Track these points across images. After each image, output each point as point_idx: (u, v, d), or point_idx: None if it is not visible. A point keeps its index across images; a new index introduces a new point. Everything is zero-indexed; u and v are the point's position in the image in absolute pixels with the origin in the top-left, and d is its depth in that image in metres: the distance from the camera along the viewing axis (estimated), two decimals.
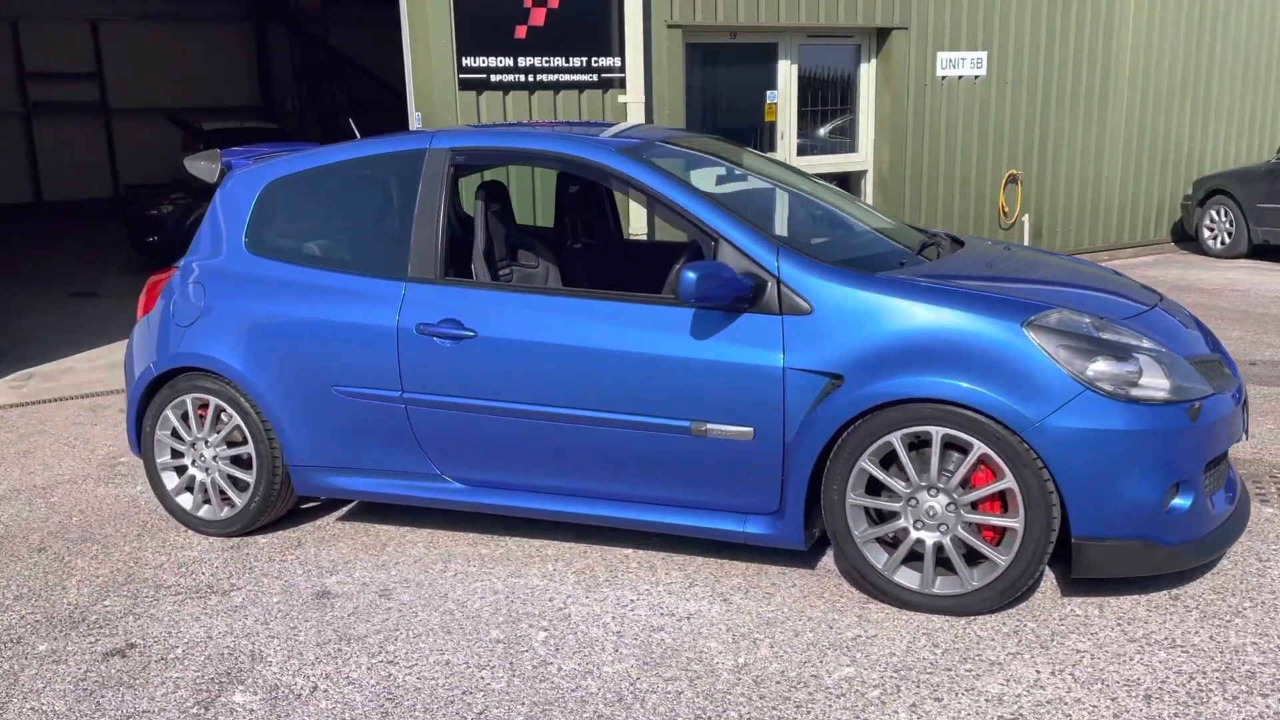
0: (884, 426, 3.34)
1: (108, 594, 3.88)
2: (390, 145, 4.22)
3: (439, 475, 4.08)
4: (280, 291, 4.20)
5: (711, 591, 3.66)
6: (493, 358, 3.82)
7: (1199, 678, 2.95)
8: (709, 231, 3.61)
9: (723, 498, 3.66)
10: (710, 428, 3.56)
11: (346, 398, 4.07)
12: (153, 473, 4.47)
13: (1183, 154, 11.70)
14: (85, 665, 3.36)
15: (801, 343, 3.44)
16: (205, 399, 4.31)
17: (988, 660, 3.10)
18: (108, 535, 4.46)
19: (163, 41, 19.20)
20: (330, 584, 3.88)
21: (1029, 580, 3.27)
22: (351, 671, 3.24)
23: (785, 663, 3.15)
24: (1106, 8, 10.75)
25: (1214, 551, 3.38)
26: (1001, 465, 3.23)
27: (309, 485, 4.26)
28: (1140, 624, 3.27)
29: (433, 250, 3.99)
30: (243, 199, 4.42)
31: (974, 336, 3.27)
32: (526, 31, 8.19)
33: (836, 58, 9.89)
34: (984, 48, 10.22)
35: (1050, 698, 2.89)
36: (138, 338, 4.58)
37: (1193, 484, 3.28)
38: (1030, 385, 3.20)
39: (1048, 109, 10.69)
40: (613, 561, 3.95)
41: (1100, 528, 3.21)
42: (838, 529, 3.47)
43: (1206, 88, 11.62)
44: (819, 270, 3.50)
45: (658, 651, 3.26)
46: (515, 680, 3.13)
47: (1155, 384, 3.25)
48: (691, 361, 3.55)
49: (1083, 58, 10.75)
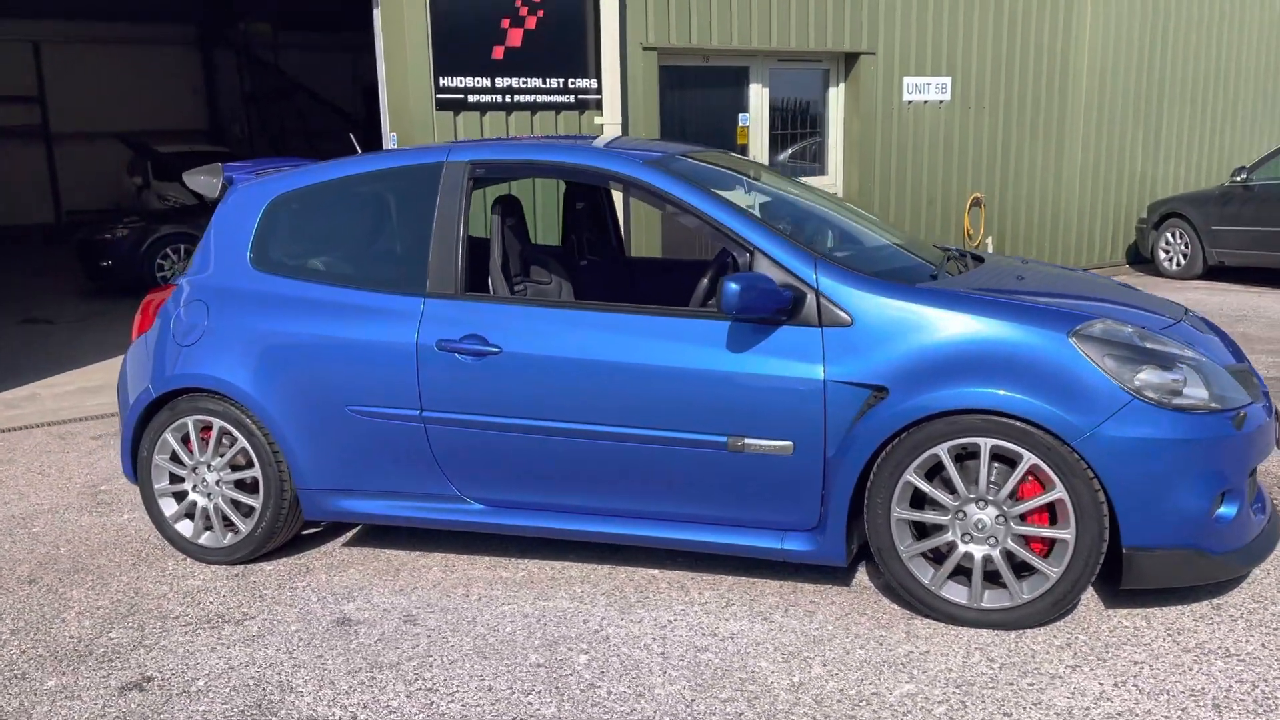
0: (930, 439, 3.30)
1: (112, 626, 3.69)
2: (404, 159, 4.12)
3: (458, 496, 3.95)
4: (289, 308, 4.06)
5: (750, 610, 3.58)
6: (519, 374, 3.72)
7: (1262, 685, 2.94)
8: (744, 244, 3.56)
9: (760, 514, 3.59)
10: (748, 442, 3.50)
11: (361, 418, 3.93)
12: (149, 499, 4.28)
13: (1136, 179, 11.98)
14: (102, 700, 3.18)
15: (843, 355, 3.40)
16: (208, 421, 4.14)
17: (1047, 674, 3.06)
18: (101, 565, 4.25)
19: (108, 65, 18.78)
20: (349, 610, 3.73)
21: (1080, 592, 3.25)
22: (390, 700, 3.10)
23: (842, 681, 3.08)
24: (1063, 37, 10.99)
25: (1256, 561, 3.39)
26: (1052, 476, 3.20)
27: (319, 509, 4.11)
28: (1190, 634, 3.26)
29: (453, 265, 3.88)
30: (247, 214, 4.27)
31: (1020, 347, 3.25)
32: (504, 52, 8.13)
33: (806, 82, 9.98)
34: (948, 73, 10.38)
35: (1119, 710, 2.85)
36: (133, 359, 4.39)
37: (1238, 492, 3.29)
38: (1079, 395, 3.19)
39: (1009, 133, 10.89)
40: (641, 582, 3.86)
41: (1150, 538, 3.20)
42: (882, 544, 3.42)
43: (1157, 116, 11.92)
44: (858, 281, 3.46)
45: (708, 673, 3.17)
46: (566, 704, 3.02)
47: (1197, 394, 3.26)
48: (728, 375, 3.49)
49: (1041, 84, 10.97)
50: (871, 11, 9.78)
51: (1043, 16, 10.81)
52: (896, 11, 9.92)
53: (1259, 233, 10.24)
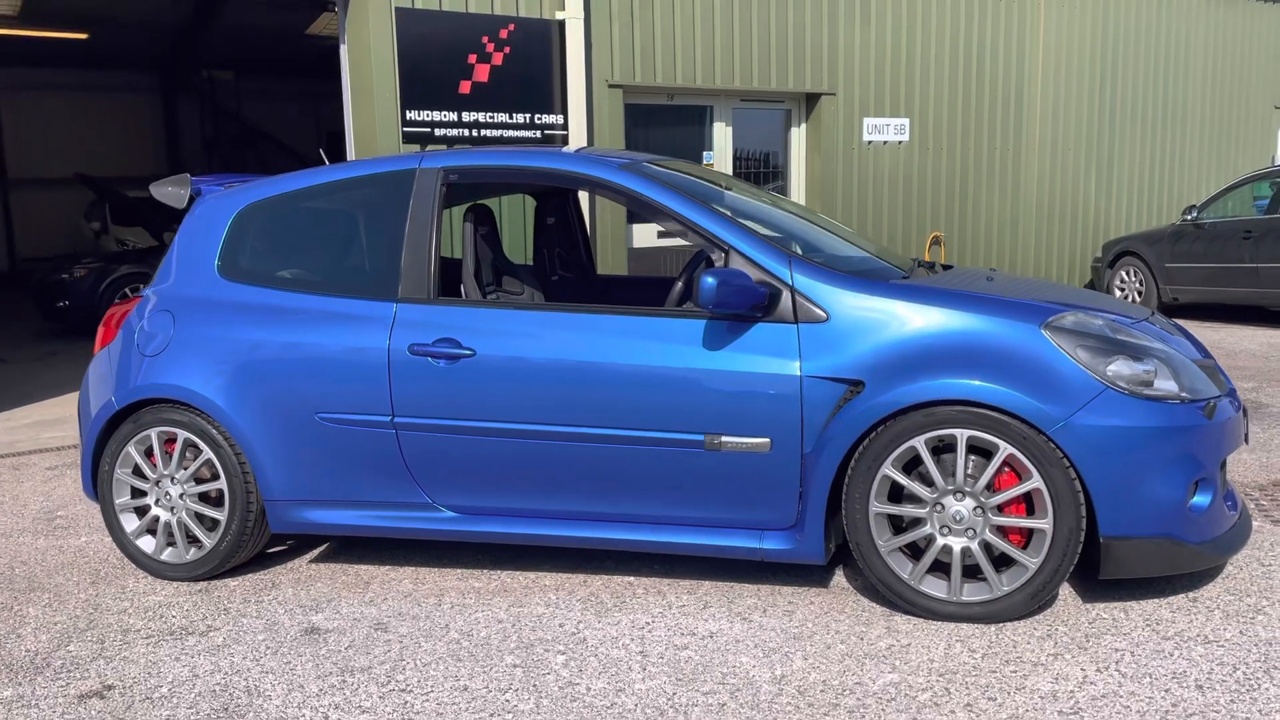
0: (907, 431, 3.30)
1: (70, 640, 3.57)
2: (375, 167, 4.10)
3: (430, 504, 3.88)
4: (258, 316, 4.01)
5: (729, 611, 3.53)
6: (493, 377, 3.68)
7: (1243, 668, 2.94)
8: (719, 243, 3.57)
9: (738, 514, 3.56)
10: (725, 440, 3.48)
11: (331, 425, 3.87)
12: (110, 515, 4.17)
13: (1090, 217, 12.23)
14: (61, 708, 3.06)
15: (819, 350, 3.40)
16: (172, 433, 4.06)
17: (1030, 661, 3.04)
18: (58, 584, 4.12)
19: (68, 112, 18.69)
20: (318, 620, 3.64)
21: (1059, 583, 3.24)
22: (363, 701, 3.01)
23: (824, 673, 3.04)
24: (1017, 80, 11.26)
25: (1231, 551, 3.40)
26: (1028, 465, 3.21)
27: (285, 522, 4.02)
28: (1168, 624, 3.26)
29: (425, 270, 3.85)
30: (215, 224, 4.23)
31: (994, 338, 3.28)
32: (471, 87, 8.19)
33: (768, 121, 10.13)
34: (906, 114, 10.59)
35: (1104, 692, 2.83)
36: (95, 372, 4.30)
37: (1211, 482, 3.32)
38: (1053, 385, 3.21)
39: (966, 173, 11.09)
40: (616, 589, 3.80)
41: (1127, 526, 3.21)
42: (861, 540, 3.40)
43: (1110, 157, 12.21)
44: (833, 279, 3.48)
45: (688, 668, 3.12)
46: (544, 701, 2.95)
47: (1168, 386, 3.30)
48: (704, 373, 3.48)
49: (996, 126, 11.21)
50: (831, 53, 9.98)
51: (996, 59, 11.08)
52: (855, 54, 10.13)
53: (1211, 269, 10.46)
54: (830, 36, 9.96)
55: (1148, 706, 2.75)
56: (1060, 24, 11.50)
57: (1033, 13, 11.28)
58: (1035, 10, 11.29)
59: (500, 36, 8.24)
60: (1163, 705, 2.75)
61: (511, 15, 8.28)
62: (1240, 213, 10.65)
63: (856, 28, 10.10)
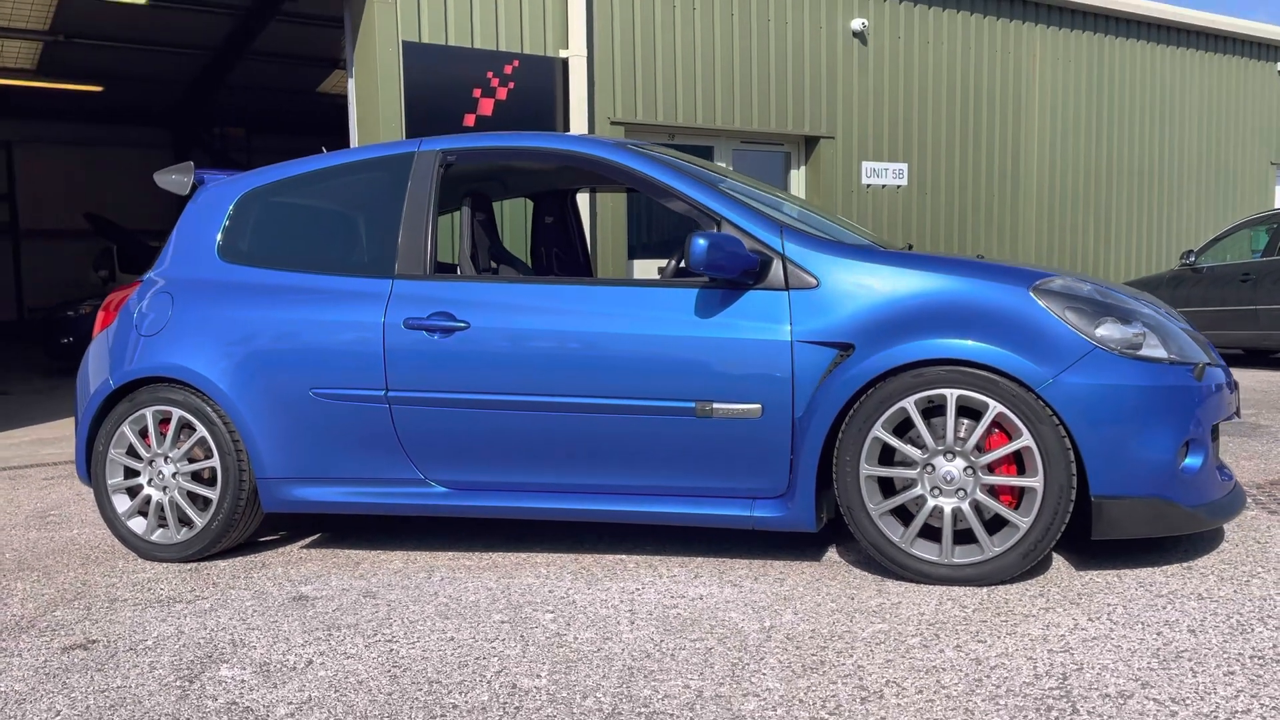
0: (897, 392, 3.31)
1: (57, 607, 3.55)
2: (374, 152, 4.18)
3: (422, 480, 3.88)
4: (256, 295, 4.05)
5: (720, 579, 3.51)
6: (487, 349, 3.70)
7: (1236, 617, 2.91)
8: (712, 215, 3.62)
9: (729, 482, 3.55)
10: (716, 407, 3.49)
11: (325, 400, 3.89)
12: (102, 496, 4.17)
13: (1088, 266, 12.32)
14: (44, 657, 3.04)
15: (809, 315, 3.43)
16: (168, 411, 4.07)
17: (1020, 614, 3.01)
18: (48, 566, 4.11)
19: (79, 165, 19.01)
20: (306, 590, 3.62)
21: (1050, 543, 3.22)
22: (349, 649, 2.99)
23: (814, 624, 3.01)
24: (1014, 126, 11.45)
25: (1224, 516, 3.38)
26: (1018, 424, 3.21)
27: (277, 499, 4.01)
28: (1161, 585, 3.23)
29: (422, 246, 3.91)
30: (216, 209, 4.30)
31: (983, 300, 3.30)
32: (475, 120, 8.34)
33: (769, 163, 10.27)
34: (904, 159, 10.74)
35: (1095, 635, 2.80)
36: (93, 354, 4.34)
37: (1203, 444, 3.31)
38: (1042, 345, 3.23)
39: (964, 219, 11.21)
40: (608, 563, 3.78)
41: (1118, 485, 3.20)
42: (852, 503, 3.38)
43: (1106, 203, 12.34)
44: (824, 246, 3.52)
45: (676, 622, 3.09)
46: (530, 648, 2.92)
47: (1156, 352, 3.31)
48: (696, 340, 3.50)
49: (994, 173, 11.37)
50: (831, 98, 10.17)
51: (994, 105, 11.27)
52: (854, 99, 10.32)
53: (1210, 313, 10.49)
54: (829, 81, 10.15)
55: (1139, 646, 2.71)
56: (1055, 74, 11.72)
57: (1028, 63, 11.50)
58: (1031, 61, 11.52)
59: (505, 72, 8.42)
60: (1154, 645, 2.72)
61: (516, 52, 8.47)
62: (1237, 257, 10.73)
63: (855, 74, 10.30)
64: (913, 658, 2.72)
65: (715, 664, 2.73)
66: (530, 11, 8.52)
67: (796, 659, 2.75)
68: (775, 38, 9.81)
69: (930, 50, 10.79)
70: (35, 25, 13.03)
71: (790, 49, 9.88)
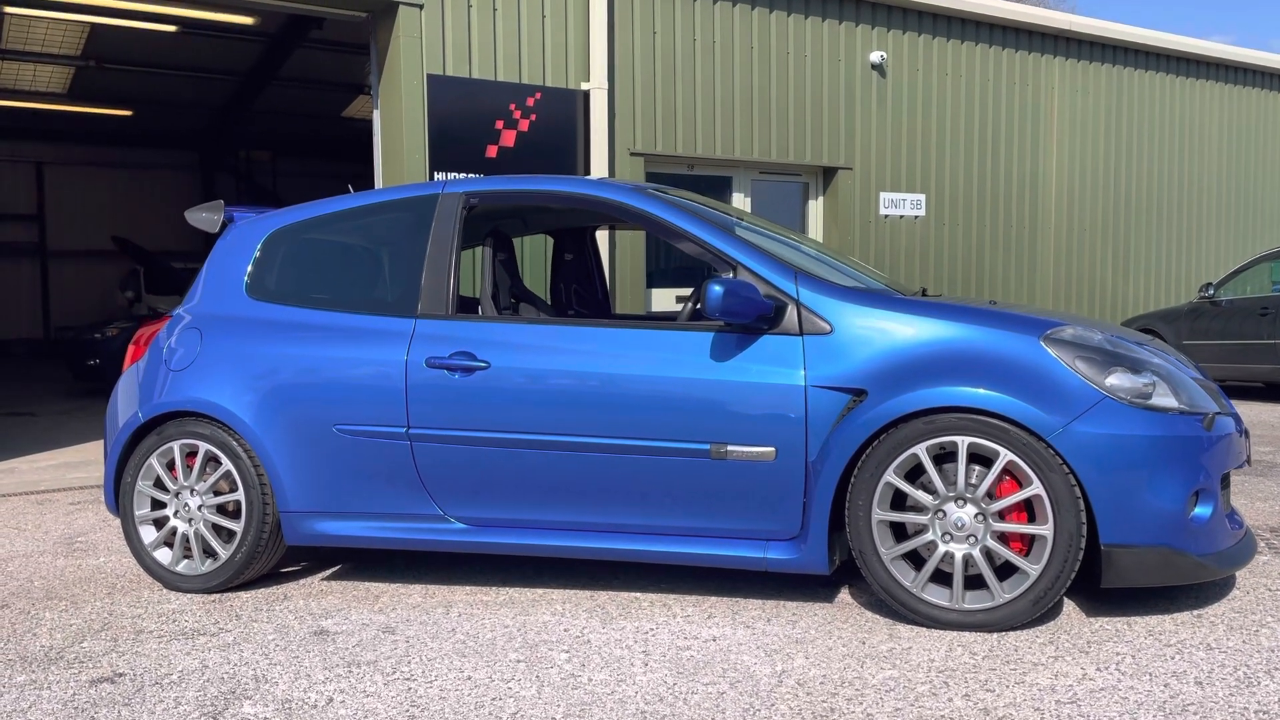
0: (909, 439, 3.37)
1: (84, 638, 3.63)
2: (399, 193, 4.28)
3: (441, 516, 3.95)
4: (282, 332, 4.15)
5: (733, 620, 3.56)
6: (506, 388, 3.78)
7: (1243, 669, 2.94)
8: (728, 260, 3.69)
9: (743, 523, 3.61)
10: (731, 449, 3.55)
11: (348, 436, 3.97)
12: (129, 526, 4.26)
13: (1107, 298, 12.32)
14: (72, 690, 3.12)
15: (823, 360, 3.49)
16: (194, 445, 4.16)
17: (1029, 662, 3.05)
18: (75, 595, 4.20)
19: (107, 186, 19.29)
20: (327, 625, 3.69)
21: (1060, 590, 3.26)
22: (368, 686, 3.05)
23: (825, 669, 3.06)
24: (1033, 158, 11.49)
25: (1234, 565, 3.42)
26: (1029, 472, 3.26)
27: (299, 533, 4.09)
28: (1171, 634, 3.26)
29: (444, 286, 3.99)
30: (245, 247, 4.41)
31: (994, 349, 3.36)
32: (498, 151, 8.45)
33: (787, 193, 10.35)
34: (923, 190, 10.80)
35: (1103, 686, 2.84)
36: (123, 388, 4.44)
37: (1212, 493, 3.35)
38: (1052, 394, 3.28)
39: (983, 250, 11.24)
40: (623, 601, 3.83)
41: (1128, 534, 3.24)
42: (864, 547, 3.43)
43: (1125, 235, 12.35)
44: (838, 293, 3.59)
45: (690, 665, 3.14)
46: (546, 689, 2.98)
47: (1166, 401, 3.35)
48: (711, 383, 3.57)
49: (1012, 205, 11.40)
50: (849, 129, 10.24)
51: (1012, 138, 11.32)
52: (872, 130, 10.39)
53: (1229, 346, 10.49)
54: (848, 113, 10.23)
55: (1145, 699, 2.75)
56: (1074, 107, 11.77)
57: (1047, 96, 11.55)
58: (1050, 93, 11.57)
59: (527, 104, 8.54)
60: (1160, 697, 2.75)
61: (538, 84, 8.59)
62: (1257, 291, 10.71)
63: (874, 105, 10.38)
64: (921, 706, 2.76)
65: (727, 709, 2.79)
66: (553, 44, 8.64)
67: (807, 705, 2.79)
68: (794, 70, 9.90)
69: (949, 82, 10.86)
70: (68, 51, 13.28)
71: (809, 81, 9.97)
